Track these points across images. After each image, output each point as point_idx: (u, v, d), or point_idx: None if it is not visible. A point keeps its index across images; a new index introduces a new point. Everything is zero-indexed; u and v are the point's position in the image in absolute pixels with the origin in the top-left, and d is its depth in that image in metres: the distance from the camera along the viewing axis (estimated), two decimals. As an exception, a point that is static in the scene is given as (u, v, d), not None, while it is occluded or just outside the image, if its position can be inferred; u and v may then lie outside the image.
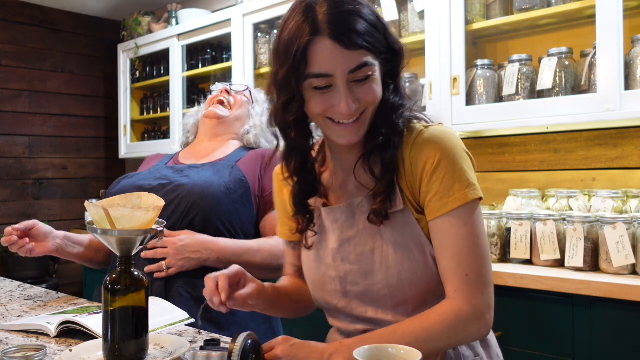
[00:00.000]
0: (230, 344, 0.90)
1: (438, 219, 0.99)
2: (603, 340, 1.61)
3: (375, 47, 0.97)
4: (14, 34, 3.97)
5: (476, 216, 0.99)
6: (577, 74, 2.10)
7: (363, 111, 1.00)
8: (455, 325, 0.96)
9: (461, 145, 1.03)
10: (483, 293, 0.98)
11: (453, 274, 0.98)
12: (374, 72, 0.98)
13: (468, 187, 0.99)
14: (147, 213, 0.95)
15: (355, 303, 1.08)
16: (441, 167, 0.99)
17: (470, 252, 0.98)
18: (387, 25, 1.02)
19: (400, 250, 1.02)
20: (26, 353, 1.06)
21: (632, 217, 1.72)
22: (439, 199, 0.99)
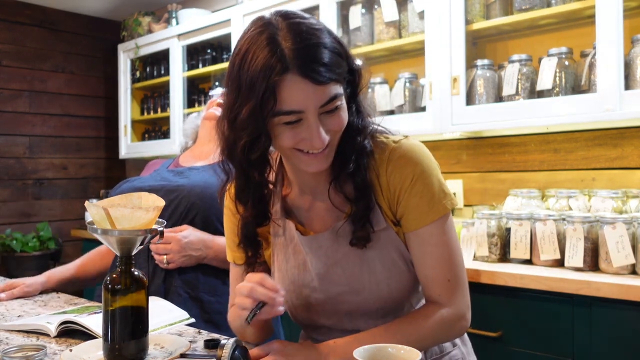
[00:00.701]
0: (218, 351, 0.90)
1: (419, 230, 1.03)
2: (603, 340, 1.61)
3: (341, 75, 0.96)
4: (14, 34, 3.97)
5: (450, 224, 1.05)
6: (577, 74, 2.10)
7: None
8: (440, 326, 1.03)
9: (431, 156, 1.07)
10: (463, 295, 1.06)
11: (435, 280, 1.04)
12: (342, 100, 0.97)
13: (445, 198, 1.03)
14: (147, 213, 0.95)
15: (346, 319, 1.10)
16: (419, 182, 1.02)
17: (450, 259, 1.04)
18: (346, 47, 0.99)
19: (386, 264, 1.05)
20: (26, 353, 1.06)
21: (631, 217, 1.72)
22: (419, 213, 1.02)
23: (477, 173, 2.56)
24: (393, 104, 2.57)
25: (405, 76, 2.56)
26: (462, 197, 2.59)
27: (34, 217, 4.04)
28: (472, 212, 2.32)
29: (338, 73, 0.94)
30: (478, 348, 1.84)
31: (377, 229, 1.04)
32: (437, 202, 1.03)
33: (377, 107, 2.60)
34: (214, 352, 0.95)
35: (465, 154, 2.60)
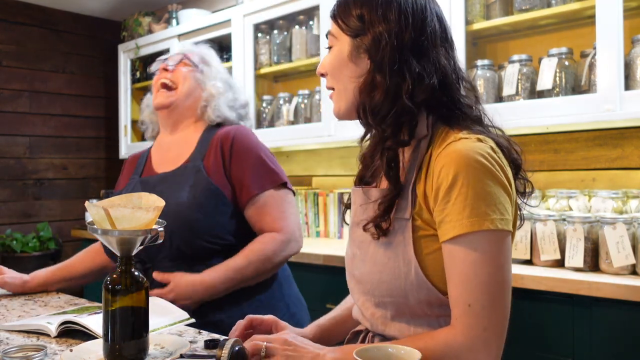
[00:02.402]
0: (218, 351, 0.90)
1: (448, 242, 0.93)
2: (603, 340, 1.61)
3: (347, 25, 1.05)
4: (14, 34, 3.97)
5: (492, 244, 0.91)
6: (577, 74, 2.10)
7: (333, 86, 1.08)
8: (445, 354, 0.91)
9: (490, 168, 0.93)
10: (485, 329, 0.90)
11: (456, 301, 0.93)
12: (338, 45, 1.06)
13: (482, 215, 0.90)
14: (147, 213, 0.95)
15: (355, 287, 1.10)
16: (456, 187, 0.92)
17: (477, 282, 0.90)
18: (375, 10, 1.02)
19: (388, 254, 1.01)
20: (26, 353, 1.06)
21: (632, 218, 1.72)
22: (449, 221, 0.92)
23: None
24: (393, 104, 2.57)
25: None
26: (462, 197, 2.59)
27: (34, 217, 4.04)
28: (472, 212, 2.31)
29: (344, 20, 1.05)
30: (478, 348, 1.84)
31: (399, 215, 1.00)
32: (468, 216, 0.90)
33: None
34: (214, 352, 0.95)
35: (466, 154, 2.59)
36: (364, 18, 1.03)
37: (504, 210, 0.92)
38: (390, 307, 1.02)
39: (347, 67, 1.05)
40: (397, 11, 1.01)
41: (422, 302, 0.98)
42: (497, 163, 0.95)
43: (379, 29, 1.01)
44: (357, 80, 1.04)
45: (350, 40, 1.05)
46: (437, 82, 1.00)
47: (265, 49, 3.10)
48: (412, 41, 1.00)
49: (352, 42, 1.04)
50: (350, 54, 1.04)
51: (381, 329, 1.05)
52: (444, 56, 1.03)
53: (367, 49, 1.02)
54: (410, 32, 1.00)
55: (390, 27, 1.00)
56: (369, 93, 1.02)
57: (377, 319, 1.05)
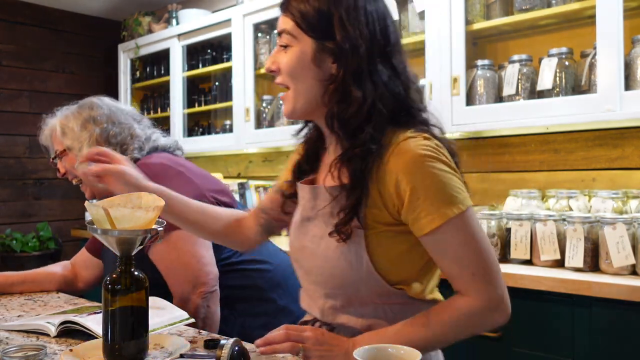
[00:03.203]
0: (218, 351, 0.90)
1: (430, 234, 0.98)
2: (603, 340, 1.61)
3: (305, 22, 1.01)
4: (14, 34, 3.97)
5: (468, 221, 0.98)
6: (577, 74, 2.10)
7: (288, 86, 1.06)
8: (474, 320, 0.99)
9: (440, 158, 0.99)
10: (494, 285, 0.99)
11: (459, 276, 0.99)
12: (295, 44, 1.03)
13: (448, 204, 0.97)
14: (147, 213, 0.95)
15: (305, 277, 1.15)
16: (419, 186, 0.97)
17: (471, 255, 0.98)
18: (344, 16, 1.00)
19: (340, 250, 1.04)
20: (26, 353, 1.06)
21: (632, 218, 1.72)
22: (424, 217, 0.97)
23: (477, 173, 2.56)
24: (393, 104, 2.57)
25: (406, 76, 2.55)
26: (462, 198, 2.59)
27: (34, 217, 4.04)
28: (472, 212, 2.31)
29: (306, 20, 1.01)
30: (478, 348, 1.84)
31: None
32: (441, 207, 0.96)
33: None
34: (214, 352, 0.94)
35: (466, 154, 2.60)
36: (331, 20, 1.00)
37: (463, 189, 1.01)
38: (341, 297, 1.07)
39: (310, 70, 1.03)
40: (365, 16, 1.01)
41: (372, 293, 1.04)
42: (444, 154, 1.01)
43: (349, 34, 0.99)
44: (319, 83, 1.03)
45: (313, 42, 1.02)
46: (402, 89, 1.03)
47: (265, 49, 3.10)
48: (380, 49, 1.02)
49: (315, 44, 1.02)
50: (314, 57, 1.02)
51: (330, 319, 1.10)
52: (402, 62, 1.06)
53: (334, 53, 1.01)
54: (379, 39, 1.02)
55: (362, 33, 1.00)
56: (341, 102, 1.01)
57: (327, 309, 1.10)
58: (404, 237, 1.02)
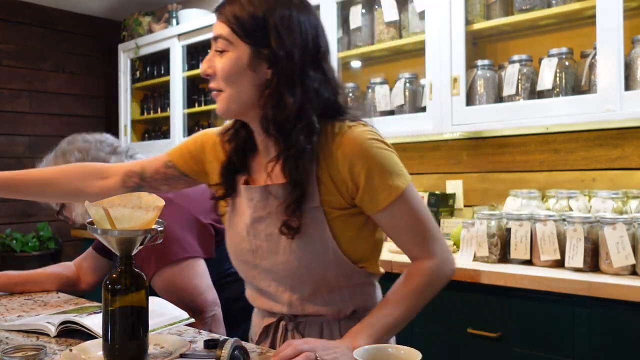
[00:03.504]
0: (217, 351, 0.90)
1: (385, 209, 1.09)
2: (603, 340, 1.61)
3: (242, 29, 1.04)
4: (14, 34, 3.97)
5: (413, 192, 1.11)
6: (577, 75, 2.10)
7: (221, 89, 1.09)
8: (435, 277, 1.12)
9: (379, 142, 1.09)
10: (441, 244, 1.14)
11: (414, 242, 1.13)
12: (231, 50, 1.06)
13: (399, 178, 1.09)
14: (147, 213, 0.95)
15: (262, 276, 1.18)
16: (371, 168, 1.07)
17: (419, 221, 1.11)
18: (279, 24, 1.05)
19: (304, 240, 1.10)
20: (26, 353, 1.06)
21: (632, 218, 1.72)
22: (380, 193, 1.07)
23: (477, 173, 2.56)
24: (393, 104, 2.57)
25: (406, 76, 2.56)
26: (462, 198, 2.59)
27: (34, 217, 4.04)
28: (472, 212, 2.32)
29: (238, 24, 1.04)
30: (478, 348, 1.84)
31: (308, 205, 1.09)
32: (391, 185, 1.07)
33: (377, 107, 2.60)
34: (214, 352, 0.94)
35: (466, 155, 2.60)
36: (266, 27, 1.04)
37: (403, 166, 1.12)
38: (308, 287, 1.14)
39: (246, 75, 1.06)
40: (299, 25, 1.06)
41: (338, 275, 1.13)
42: (382, 138, 1.12)
43: (283, 39, 1.04)
44: (254, 87, 1.07)
45: (249, 48, 1.05)
46: (330, 89, 1.10)
47: (265, 49, 3.10)
48: (313, 56, 1.07)
49: (251, 50, 1.05)
50: (250, 63, 1.06)
51: (299, 310, 1.16)
52: (331, 69, 1.12)
53: (269, 59, 1.05)
54: (311, 47, 1.07)
55: (296, 41, 1.05)
56: (275, 107, 1.06)
57: (295, 301, 1.15)
58: (354, 219, 1.12)
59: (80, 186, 1.31)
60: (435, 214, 2.50)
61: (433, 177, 2.70)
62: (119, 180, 1.30)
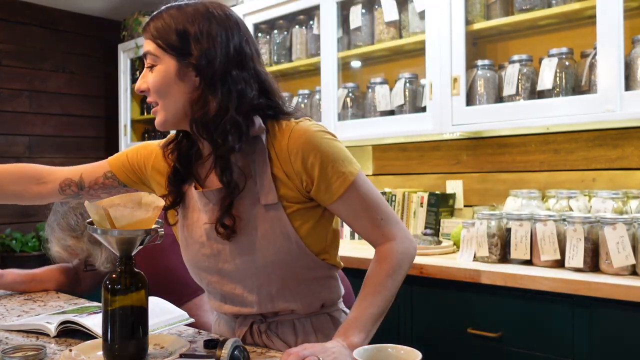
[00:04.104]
0: (217, 351, 0.90)
1: (337, 201, 1.14)
2: (603, 340, 1.61)
3: (167, 45, 1.09)
4: (14, 34, 3.97)
5: (364, 178, 1.16)
6: (578, 75, 2.10)
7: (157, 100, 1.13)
8: (402, 257, 1.16)
9: (326, 134, 1.15)
10: (399, 225, 1.19)
11: (372, 225, 1.17)
12: (160, 64, 1.11)
13: (350, 165, 1.14)
14: (147, 213, 0.95)
15: (226, 280, 1.19)
16: (323, 159, 1.11)
17: (374, 205, 1.16)
18: (199, 33, 1.09)
19: (267, 238, 1.13)
20: (26, 353, 1.06)
21: (632, 218, 1.72)
22: (333, 183, 1.12)
23: (477, 173, 2.56)
24: (393, 104, 2.57)
25: (406, 76, 2.56)
26: (462, 198, 2.59)
27: (34, 217, 4.04)
28: (473, 212, 2.32)
29: (165, 41, 1.09)
30: (478, 348, 1.84)
31: (265, 202, 1.12)
32: (342, 174, 1.12)
33: (377, 107, 2.60)
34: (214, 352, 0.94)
35: (466, 155, 2.60)
36: (187, 38, 1.09)
37: (349, 157, 1.16)
38: (275, 283, 1.16)
39: (175, 85, 1.11)
40: (218, 29, 1.10)
41: (303, 268, 1.17)
42: (327, 129, 1.17)
43: (205, 47, 1.09)
44: (185, 96, 1.11)
45: (175, 60, 1.10)
46: (257, 91, 1.13)
47: (266, 49, 3.10)
48: (235, 56, 1.11)
49: (177, 61, 1.10)
50: (177, 73, 1.10)
51: (270, 307, 1.18)
52: (259, 65, 1.17)
53: (195, 67, 1.09)
54: (232, 47, 1.11)
55: (216, 45, 1.10)
56: (200, 109, 1.10)
57: (264, 298, 1.17)
58: (312, 212, 1.16)
59: (18, 190, 1.32)
60: (436, 214, 2.51)
61: (433, 177, 2.70)
62: (56, 187, 1.32)
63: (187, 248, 1.23)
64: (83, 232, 1.59)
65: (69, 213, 1.61)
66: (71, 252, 1.63)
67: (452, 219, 2.50)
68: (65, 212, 1.61)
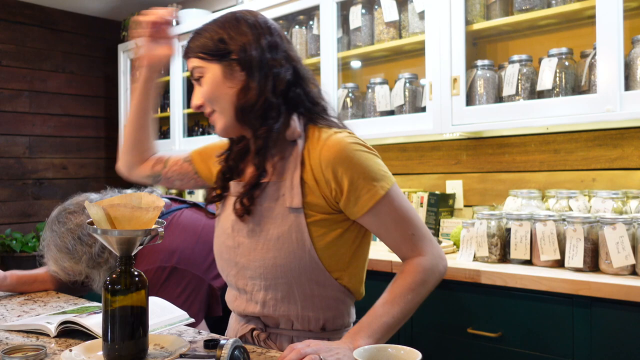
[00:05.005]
0: (217, 351, 0.90)
1: (366, 214, 1.14)
2: (603, 340, 1.61)
3: (210, 54, 1.17)
4: (14, 34, 3.97)
5: (397, 192, 1.17)
6: (577, 75, 2.10)
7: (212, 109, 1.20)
8: (429, 274, 1.16)
9: (361, 146, 1.16)
10: (431, 241, 1.19)
11: (402, 240, 1.17)
12: (206, 74, 1.17)
13: (383, 179, 1.14)
14: (147, 213, 0.95)
15: (241, 274, 1.22)
16: (355, 172, 1.12)
17: (405, 219, 1.16)
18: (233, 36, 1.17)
19: (282, 240, 1.15)
20: (26, 353, 1.06)
21: (632, 218, 1.72)
22: (364, 195, 1.13)
23: (477, 173, 2.56)
24: (393, 104, 2.57)
25: (405, 76, 2.56)
26: (462, 198, 2.59)
27: (34, 217, 4.04)
28: (472, 212, 2.32)
29: (205, 52, 1.17)
30: (478, 348, 1.84)
31: (290, 205, 1.15)
32: (374, 187, 1.13)
33: (377, 107, 2.60)
34: (214, 352, 0.94)
35: (465, 155, 2.60)
36: (224, 40, 1.16)
37: (386, 168, 1.18)
38: (282, 288, 1.17)
39: (223, 86, 1.17)
40: (247, 26, 1.17)
41: (312, 281, 1.16)
42: (364, 143, 1.18)
43: (240, 41, 1.16)
44: (232, 90, 1.17)
45: (218, 64, 1.17)
46: (292, 76, 1.18)
47: (265, 49, 3.10)
48: (267, 43, 1.17)
49: (220, 64, 1.16)
50: (224, 74, 1.16)
51: (272, 311, 1.19)
52: (292, 52, 1.21)
53: (237, 61, 1.15)
54: (263, 37, 1.17)
55: (249, 37, 1.16)
56: (243, 97, 1.15)
57: (268, 301, 1.19)
58: (334, 226, 1.17)
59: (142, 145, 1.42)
60: (435, 214, 2.51)
61: (433, 177, 2.70)
62: (152, 161, 1.42)
63: (217, 238, 1.29)
64: (81, 258, 1.56)
65: (66, 235, 1.56)
66: (68, 272, 1.61)
67: (452, 219, 2.50)
68: (62, 233, 1.58)
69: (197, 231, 1.65)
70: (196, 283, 1.56)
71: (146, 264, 1.55)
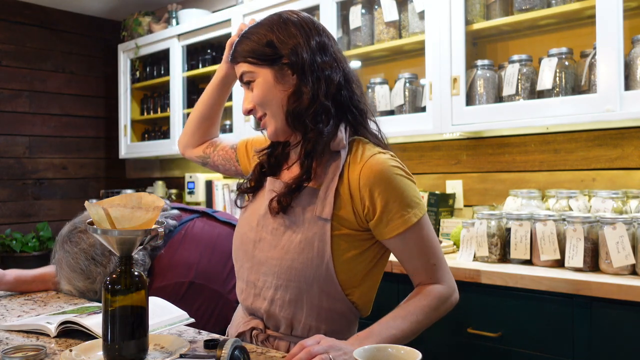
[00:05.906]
0: (217, 351, 0.90)
1: (394, 238, 1.15)
2: (603, 340, 1.61)
3: (260, 59, 1.17)
4: (14, 34, 3.97)
5: (427, 222, 1.18)
6: (577, 75, 2.10)
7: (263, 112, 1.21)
8: (444, 301, 1.18)
9: (401, 171, 1.16)
10: (449, 274, 1.22)
11: (423, 268, 1.19)
12: (256, 78, 1.18)
13: (416, 207, 1.15)
14: (147, 213, 0.95)
15: (255, 268, 1.23)
16: (389, 195, 1.13)
17: (430, 249, 1.18)
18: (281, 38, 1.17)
19: (303, 245, 1.15)
20: (26, 353, 1.06)
21: (632, 218, 1.72)
22: (395, 219, 1.14)
23: (477, 173, 2.56)
24: (393, 104, 2.57)
25: (405, 76, 2.56)
26: (462, 198, 2.59)
27: (34, 217, 4.04)
28: (472, 212, 2.32)
29: (255, 57, 1.17)
30: (478, 348, 1.84)
31: (319, 214, 1.15)
32: (406, 214, 1.14)
33: (377, 107, 2.60)
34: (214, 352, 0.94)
35: (465, 155, 2.60)
36: (273, 44, 1.17)
37: (420, 197, 1.19)
38: (292, 291, 1.17)
39: (275, 90, 1.18)
40: (295, 28, 1.18)
41: (322, 292, 1.17)
42: (405, 168, 1.19)
43: (290, 44, 1.16)
44: (284, 93, 1.18)
45: (269, 68, 1.17)
46: (342, 78, 1.19)
47: (265, 49, 3.10)
48: (316, 45, 1.18)
49: (271, 68, 1.17)
50: (275, 78, 1.17)
51: (278, 310, 1.19)
52: (339, 52, 1.22)
53: (288, 65, 1.16)
54: (312, 38, 1.18)
55: (298, 39, 1.17)
56: (295, 101, 1.17)
57: (276, 300, 1.19)
58: (357, 244, 1.17)
59: (203, 129, 1.50)
60: (435, 214, 2.51)
61: (433, 177, 2.70)
62: (205, 145, 1.49)
63: (239, 228, 1.30)
64: (96, 279, 1.53)
65: (79, 255, 1.52)
66: (82, 291, 1.60)
67: (452, 219, 2.50)
68: (75, 253, 1.53)
69: (212, 242, 1.64)
70: (213, 297, 1.56)
71: (164, 280, 1.54)
